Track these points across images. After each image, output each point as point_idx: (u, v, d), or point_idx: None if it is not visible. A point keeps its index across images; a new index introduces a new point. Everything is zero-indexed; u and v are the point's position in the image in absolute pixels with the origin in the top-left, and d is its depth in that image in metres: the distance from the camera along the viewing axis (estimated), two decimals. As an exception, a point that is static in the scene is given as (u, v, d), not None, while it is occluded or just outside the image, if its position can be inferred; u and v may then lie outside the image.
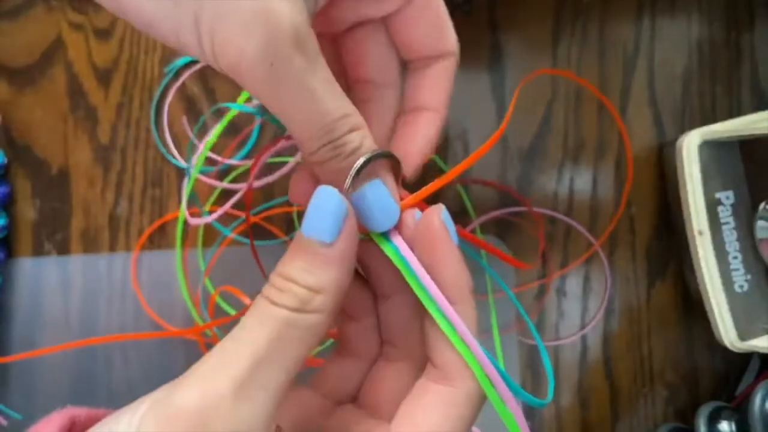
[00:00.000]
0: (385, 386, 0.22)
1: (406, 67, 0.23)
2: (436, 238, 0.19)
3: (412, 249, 0.20)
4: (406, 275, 0.20)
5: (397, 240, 0.20)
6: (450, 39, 0.23)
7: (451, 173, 0.21)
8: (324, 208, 0.18)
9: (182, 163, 0.37)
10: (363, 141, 0.19)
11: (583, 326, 0.38)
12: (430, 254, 0.19)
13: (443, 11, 0.22)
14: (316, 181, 0.20)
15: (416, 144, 0.22)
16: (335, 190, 0.18)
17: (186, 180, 0.36)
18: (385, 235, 0.20)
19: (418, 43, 0.22)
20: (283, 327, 0.17)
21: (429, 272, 0.19)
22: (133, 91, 0.37)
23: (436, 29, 0.22)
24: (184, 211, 0.34)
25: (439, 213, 0.19)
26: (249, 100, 0.32)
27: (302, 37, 0.17)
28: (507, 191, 0.37)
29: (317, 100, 0.18)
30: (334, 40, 0.23)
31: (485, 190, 0.37)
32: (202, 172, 0.37)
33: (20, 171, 0.37)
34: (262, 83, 0.17)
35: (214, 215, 0.31)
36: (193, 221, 0.32)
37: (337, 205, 0.18)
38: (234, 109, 0.35)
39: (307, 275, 0.18)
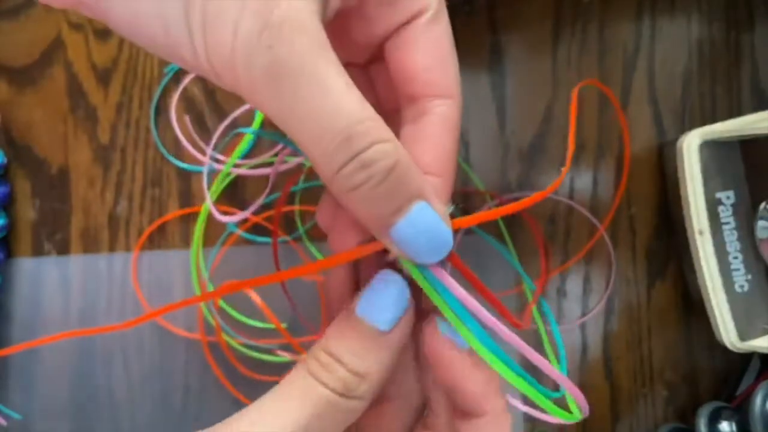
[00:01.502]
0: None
1: (402, 117, 0.20)
2: (444, 359, 0.17)
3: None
4: (447, 314, 0.17)
5: (442, 276, 0.17)
6: (451, 76, 0.19)
7: (510, 207, 0.18)
8: (386, 296, 0.16)
9: (182, 163, 0.37)
10: (398, 157, 0.15)
11: (583, 325, 0.38)
12: (445, 377, 0.17)
13: (447, 43, 0.19)
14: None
15: None
16: (400, 278, 0.16)
17: (206, 178, 0.36)
18: (425, 267, 0.17)
19: (414, 76, 0.19)
20: (324, 407, 0.16)
21: (451, 392, 0.17)
22: (133, 91, 0.37)
23: (436, 60, 0.19)
24: (208, 208, 0.34)
25: (436, 329, 0.17)
26: (263, 125, 0.31)
27: (306, 21, 0.15)
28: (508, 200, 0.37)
29: (330, 95, 0.15)
30: (365, 74, 0.21)
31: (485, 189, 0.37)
32: (208, 172, 0.37)
33: (20, 171, 0.37)
34: (261, 76, 0.15)
35: (241, 215, 0.30)
36: (224, 219, 0.31)
37: (401, 295, 0.16)
38: (250, 134, 0.35)
39: (356, 360, 0.16)
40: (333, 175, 0.15)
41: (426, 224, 0.16)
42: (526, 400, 0.37)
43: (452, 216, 0.18)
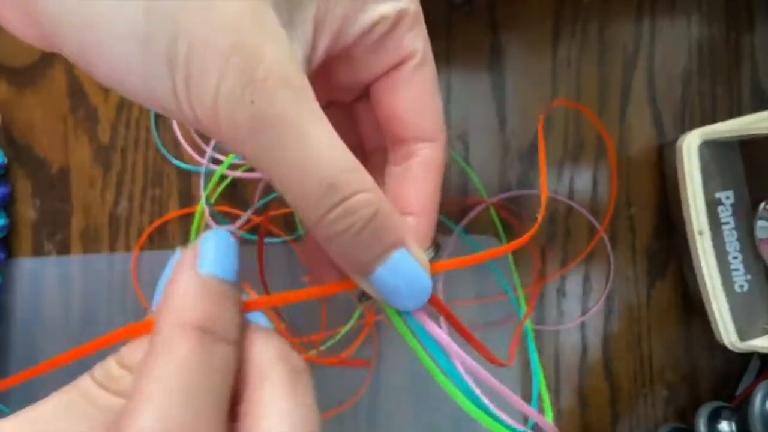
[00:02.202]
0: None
1: (388, 161, 0.20)
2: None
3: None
4: (423, 358, 0.17)
5: (424, 321, 0.17)
6: (436, 120, 0.19)
7: (486, 255, 0.19)
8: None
9: (182, 163, 0.37)
10: (380, 205, 0.16)
11: (583, 325, 0.38)
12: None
13: (433, 87, 0.20)
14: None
15: None
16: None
17: (203, 178, 0.36)
18: (408, 315, 0.17)
19: (401, 119, 0.19)
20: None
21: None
22: (133, 91, 0.37)
23: (422, 104, 0.19)
24: (203, 208, 0.34)
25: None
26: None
27: (290, 76, 0.15)
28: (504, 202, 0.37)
29: (313, 146, 0.15)
30: (348, 112, 0.21)
31: (486, 188, 0.37)
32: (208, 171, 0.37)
33: (20, 171, 0.37)
34: (245, 129, 0.15)
35: (238, 222, 0.31)
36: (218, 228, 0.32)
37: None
38: None
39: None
40: (316, 223, 0.16)
41: (405, 271, 0.17)
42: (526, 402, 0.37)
43: (432, 260, 0.18)
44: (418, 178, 0.19)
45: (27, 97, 0.37)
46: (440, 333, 0.17)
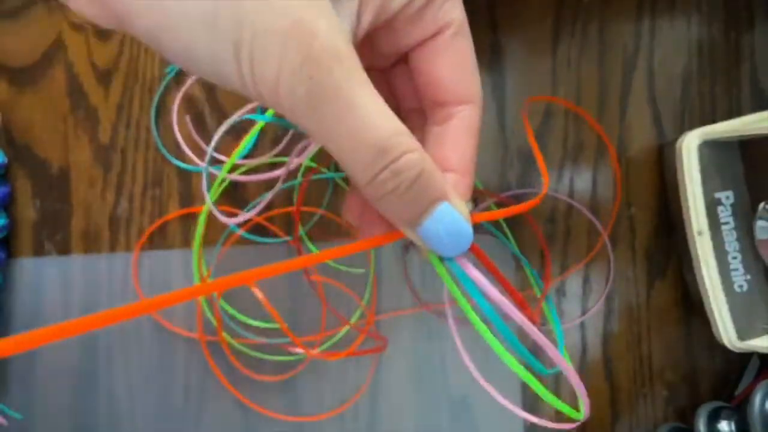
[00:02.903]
0: None
1: (427, 122, 0.22)
2: None
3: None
4: (462, 303, 0.19)
5: (466, 266, 0.19)
6: (474, 84, 0.21)
7: (527, 204, 0.20)
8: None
9: (182, 163, 0.37)
10: (424, 165, 0.18)
11: (582, 325, 0.38)
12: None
13: (470, 54, 0.21)
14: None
15: None
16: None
17: (205, 178, 0.36)
18: (452, 261, 0.19)
19: (440, 84, 0.21)
20: None
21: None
22: (134, 91, 0.37)
23: (460, 70, 0.21)
24: (208, 209, 0.34)
25: None
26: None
27: (341, 50, 0.17)
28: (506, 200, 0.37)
29: (364, 115, 0.17)
30: (385, 76, 0.23)
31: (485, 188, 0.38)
32: (207, 171, 0.37)
33: (20, 171, 0.37)
34: (304, 103, 0.17)
35: (241, 217, 0.31)
36: (227, 221, 0.32)
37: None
38: (262, 121, 0.35)
39: None
40: (367, 183, 0.18)
41: (449, 222, 0.19)
42: (526, 404, 0.37)
43: (471, 212, 0.20)
44: (458, 138, 0.21)
45: (27, 97, 0.37)
46: (480, 276, 0.19)
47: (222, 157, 0.36)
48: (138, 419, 0.36)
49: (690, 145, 0.34)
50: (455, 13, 0.20)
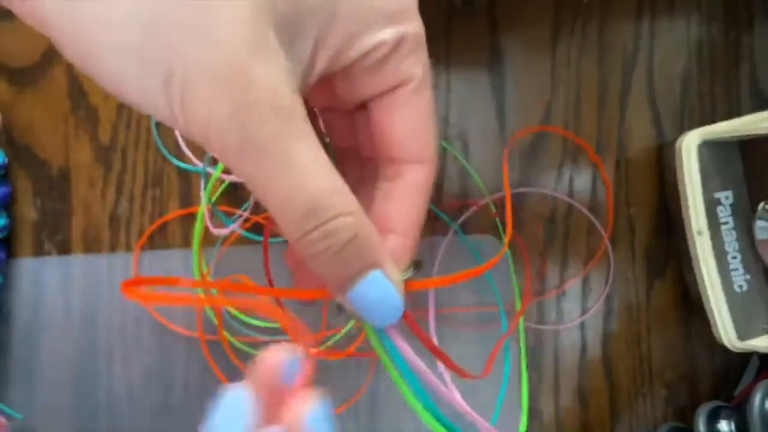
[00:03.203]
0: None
1: (378, 175, 0.21)
2: None
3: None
4: (395, 376, 0.18)
5: (394, 338, 0.19)
6: (428, 144, 0.20)
7: (461, 276, 0.20)
8: (231, 420, 0.17)
9: (182, 163, 0.37)
10: (359, 229, 0.17)
11: (582, 325, 0.38)
12: None
13: (428, 113, 0.20)
14: None
15: None
16: (244, 401, 0.17)
17: (203, 180, 0.36)
18: (382, 331, 0.19)
19: (393, 140, 0.20)
20: None
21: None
22: (134, 91, 0.37)
23: (416, 128, 0.20)
24: (204, 211, 0.35)
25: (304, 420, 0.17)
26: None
27: (280, 100, 0.16)
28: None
29: (299, 171, 0.16)
30: (350, 117, 0.22)
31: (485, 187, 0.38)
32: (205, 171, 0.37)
33: (20, 171, 0.37)
34: (235, 150, 0.16)
35: (234, 226, 0.31)
36: (217, 232, 0.32)
37: (243, 419, 0.17)
38: None
39: None
40: (297, 241, 0.17)
41: (379, 291, 0.18)
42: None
43: (411, 278, 0.19)
44: (403, 198, 0.20)
45: (27, 97, 0.37)
46: (408, 351, 0.18)
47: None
48: (138, 418, 0.36)
49: (689, 145, 0.34)
50: (417, 68, 0.19)
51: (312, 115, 0.22)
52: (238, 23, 0.15)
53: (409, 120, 0.19)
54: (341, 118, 0.22)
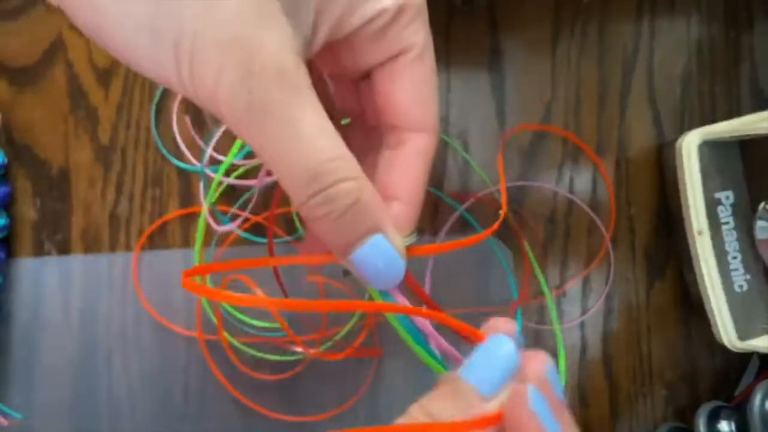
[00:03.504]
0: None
1: (383, 141, 0.21)
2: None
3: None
4: (404, 335, 0.19)
5: (399, 299, 0.19)
6: (429, 112, 0.20)
7: (462, 242, 0.20)
8: (496, 362, 0.17)
9: (182, 163, 0.37)
10: (360, 194, 0.17)
11: (582, 324, 0.38)
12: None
13: (429, 81, 0.20)
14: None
15: None
16: (514, 346, 0.17)
17: (203, 181, 0.36)
18: (386, 292, 0.19)
19: (395, 108, 0.20)
20: None
21: None
22: (133, 91, 0.37)
23: (417, 96, 0.20)
24: (205, 212, 0.35)
25: (525, 401, 0.16)
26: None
27: (285, 66, 0.16)
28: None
29: (302, 136, 0.16)
30: (356, 85, 0.22)
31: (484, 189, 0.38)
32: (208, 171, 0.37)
33: (20, 171, 0.37)
34: (241, 115, 0.16)
35: (235, 223, 0.31)
36: (220, 229, 0.32)
37: (512, 364, 0.17)
38: None
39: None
40: (300, 206, 0.17)
41: (380, 255, 0.18)
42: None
43: (412, 245, 0.19)
44: (406, 165, 0.20)
45: (27, 97, 0.37)
46: (407, 305, 0.19)
47: (221, 158, 0.36)
48: (138, 418, 0.36)
49: (690, 145, 0.34)
50: (418, 37, 0.19)
51: (322, 83, 0.22)
52: None
53: (410, 88, 0.20)
54: (347, 86, 0.22)
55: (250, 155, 0.37)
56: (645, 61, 0.38)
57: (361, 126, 0.20)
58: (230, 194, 0.37)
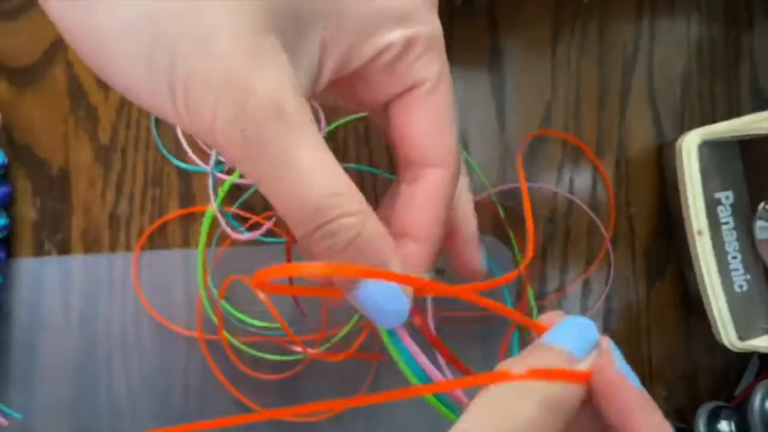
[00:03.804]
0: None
1: (400, 176, 0.21)
2: (623, 395, 0.18)
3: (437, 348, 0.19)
4: (409, 375, 0.19)
5: (405, 339, 0.19)
6: (444, 147, 0.20)
7: (479, 286, 0.19)
8: (581, 329, 0.18)
9: (182, 163, 0.37)
10: (362, 230, 0.17)
11: (582, 326, 0.38)
12: (618, 416, 0.18)
13: (444, 114, 0.20)
14: None
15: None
16: (594, 326, 0.18)
17: (211, 181, 0.36)
18: (393, 331, 0.19)
19: (410, 142, 0.20)
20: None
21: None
22: (134, 91, 0.37)
23: (431, 130, 0.19)
24: (219, 218, 0.35)
25: (613, 360, 0.18)
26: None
27: (281, 104, 0.16)
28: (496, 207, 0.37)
29: (300, 174, 0.16)
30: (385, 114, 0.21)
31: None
32: (203, 171, 0.37)
33: (20, 171, 0.37)
34: (237, 151, 0.16)
35: (256, 232, 0.31)
36: (237, 237, 0.32)
37: (594, 334, 0.18)
38: None
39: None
40: (301, 239, 0.17)
41: (383, 293, 0.18)
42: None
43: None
44: (421, 202, 0.20)
45: (27, 97, 0.37)
46: (417, 351, 0.18)
47: (222, 158, 0.36)
48: (138, 419, 0.36)
49: (690, 145, 0.34)
50: (431, 69, 0.19)
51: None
52: (237, 34, 0.16)
53: (424, 122, 0.19)
54: (379, 113, 0.22)
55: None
56: (645, 61, 0.38)
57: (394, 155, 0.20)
58: (232, 195, 0.37)
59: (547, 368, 0.16)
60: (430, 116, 0.19)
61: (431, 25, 0.19)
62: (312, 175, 0.16)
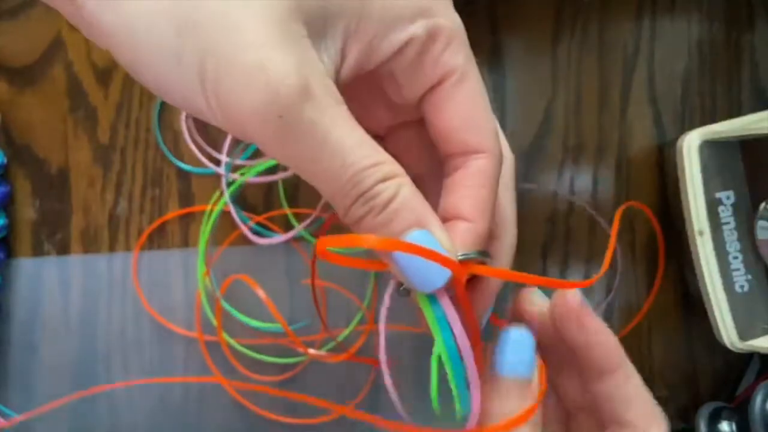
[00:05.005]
0: None
1: (444, 170, 0.21)
2: (582, 316, 0.20)
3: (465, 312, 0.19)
4: (440, 343, 0.18)
5: (445, 302, 0.18)
6: (482, 134, 0.20)
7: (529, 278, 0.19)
8: (520, 348, 0.20)
9: (182, 163, 0.37)
10: (399, 189, 0.17)
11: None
12: (579, 333, 0.20)
13: (477, 102, 0.20)
14: None
15: None
16: (526, 331, 0.20)
17: (224, 182, 0.36)
18: (431, 296, 0.18)
19: (447, 136, 0.20)
20: None
21: (582, 351, 0.21)
22: (133, 91, 0.37)
23: (465, 120, 0.19)
24: (220, 210, 0.35)
25: (575, 292, 0.20)
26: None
27: (311, 87, 0.16)
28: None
29: (339, 150, 0.17)
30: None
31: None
32: (204, 173, 0.37)
33: (20, 171, 0.37)
34: (276, 139, 0.16)
35: (282, 238, 0.31)
36: (260, 241, 0.32)
37: (530, 344, 0.20)
38: None
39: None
40: (344, 216, 0.18)
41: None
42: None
43: (475, 260, 0.19)
44: (468, 184, 0.20)
45: (27, 97, 0.37)
46: (455, 320, 0.18)
47: (222, 157, 0.36)
48: (138, 419, 0.36)
49: (691, 145, 0.34)
50: (457, 59, 0.19)
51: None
52: (265, 22, 0.16)
53: (458, 113, 0.19)
54: (416, 128, 0.22)
55: (251, 157, 0.37)
56: (645, 60, 0.38)
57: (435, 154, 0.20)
58: (235, 196, 0.37)
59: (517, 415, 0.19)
60: (464, 105, 0.19)
61: (451, 17, 0.19)
62: (348, 150, 0.17)
